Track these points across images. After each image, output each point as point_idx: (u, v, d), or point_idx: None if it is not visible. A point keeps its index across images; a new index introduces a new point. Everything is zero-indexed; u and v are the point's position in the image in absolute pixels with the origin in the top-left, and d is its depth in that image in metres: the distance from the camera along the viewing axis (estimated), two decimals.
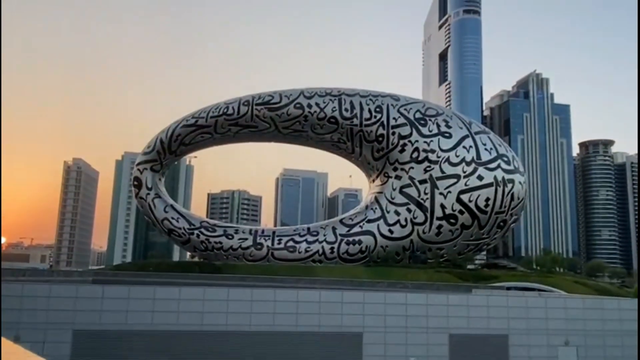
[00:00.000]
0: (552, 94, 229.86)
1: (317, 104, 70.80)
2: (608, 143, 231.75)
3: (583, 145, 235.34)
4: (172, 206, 74.40)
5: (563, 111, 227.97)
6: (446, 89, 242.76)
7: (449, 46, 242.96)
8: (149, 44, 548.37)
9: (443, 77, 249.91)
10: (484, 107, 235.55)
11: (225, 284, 31.78)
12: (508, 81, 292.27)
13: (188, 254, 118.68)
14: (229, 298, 25.20)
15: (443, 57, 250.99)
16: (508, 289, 48.30)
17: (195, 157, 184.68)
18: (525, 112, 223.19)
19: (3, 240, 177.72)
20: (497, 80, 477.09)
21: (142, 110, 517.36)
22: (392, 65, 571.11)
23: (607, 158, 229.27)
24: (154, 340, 22.05)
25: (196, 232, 71.32)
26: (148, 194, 72.15)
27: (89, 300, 22.51)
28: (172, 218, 71.96)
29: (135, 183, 73.01)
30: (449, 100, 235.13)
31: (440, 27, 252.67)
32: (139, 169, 72.81)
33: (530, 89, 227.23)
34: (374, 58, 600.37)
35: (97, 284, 29.41)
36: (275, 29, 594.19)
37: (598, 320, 29.05)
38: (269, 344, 24.00)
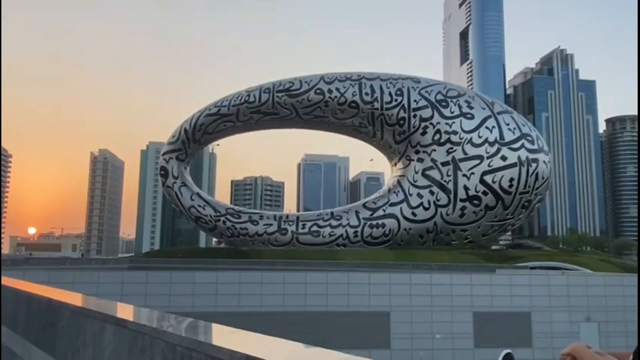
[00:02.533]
0: (577, 70, 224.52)
1: (337, 89, 71.06)
2: (635, 119, 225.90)
3: (610, 122, 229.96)
4: (198, 194, 76.04)
5: (588, 87, 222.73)
6: (468, 68, 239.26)
7: (469, 24, 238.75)
8: (172, 36, 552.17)
9: (464, 56, 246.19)
10: (507, 86, 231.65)
11: (257, 268, 33.14)
12: (531, 58, 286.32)
13: (214, 240, 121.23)
14: (263, 281, 26.58)
15: (464, 35, 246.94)
16: (532, 268, 48.56)
17: (218, 145, 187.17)
18: (550, 89, 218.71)
19: (34, 230, 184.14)
20: (520, 57, 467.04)
21: (165, 100, 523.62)
22: (412, 46, 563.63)
23: (634, 134, 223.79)
24: None
25: (222, 218, 72.85)
26: (174, 182, 73.83)
27: (135, 285, 24.02)
28: (199, 206, 73.61)
29: (162, 172, 74.71)
30: (471, 80, 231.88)
31: (460, 4, 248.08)
32: (164, 159, 74.42)
33: (555, 66, 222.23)
34: (394, 39, 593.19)
35: (142, 270, 31.12)
36: (294, 12, 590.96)
37: (619, 296, 29.52)
38: (301, 323, 25.17)
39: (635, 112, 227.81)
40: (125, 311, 6.31)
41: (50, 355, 7.61)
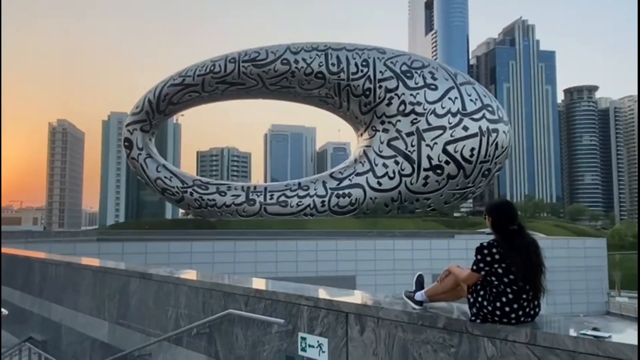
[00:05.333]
0: (537, 41, 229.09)
1: (303, 60, 70.51)
2: (592, 89, 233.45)
3: (568, 92, 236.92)
4: (164, 165, 74.82)
5: (548, 58, 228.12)
6: (432, 38, 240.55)
7: None
8: (133, 3, 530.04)
9: (429, 26, 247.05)
10: (470, 56, 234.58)
11: (230, 238, 34.19)
12: (494, 29, 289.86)
13: (180, 211, 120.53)
14: (236, 250, 27.70)
15: (429, 5, 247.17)
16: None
17: (183, 115, 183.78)
18: (511, 59, 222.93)
19: None
20: (483, 28, 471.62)
21: (125, 70, 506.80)
22: (377, 16, 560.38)
23: (591, 104, 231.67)
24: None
25: (189, 190, 72.09)
26: (139, 154, 72.30)
27: (112, 256, 24.46)
28: (165, 177, 72.52)
29: (126, 144, 72.95)
30: (435, 50, 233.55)
31: None
32: (128, 130, 72.59)
33: (516, 36, 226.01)
34: (359, 8, 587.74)
35: (118, 242, 31.65)
36: None
37: (564, 257, 32.25)
38: None
39: (593, 83, 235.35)
40: (148, 268, 7.22)
41: (74, 309, 8.44)
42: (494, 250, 4.00)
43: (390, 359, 4.07)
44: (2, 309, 8.24)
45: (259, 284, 5.21)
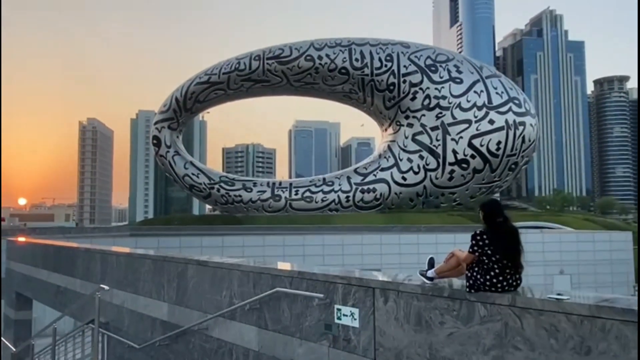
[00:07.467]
0: (566, 31, 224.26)
1: (327, 56, 71.48)
2: (623, 79, 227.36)
3: (598, 83, 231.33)
4: (191, 162, 77.07)
5: (577, 48, 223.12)
6: (457, 31, 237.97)
7: None
8: (159, 3, 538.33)
9: (454, 18, 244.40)
10: (496, 48, 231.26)
11: (259, 233, 35.30)
12: (521, 19, 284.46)
13: (207, 207, 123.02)
14: (265, 244, 29.08)
15: None
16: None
17: (208, 112, 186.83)
18: (539, 50, 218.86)
19: (24, 201, 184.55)
20: (510, 19, 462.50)
21: (152, 69, 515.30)
22: (401, 9, 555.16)
23: (622, 94, 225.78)
24: None
25: (216, 186, 74.16)
26: (168, 151, 74.64)
27: (150, 250, 25.88)
28: (193, 174, 74.76)
29: (155, 142, 75.37)
30: (461, 42, 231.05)
31: None
32: (157, 128, 74.94)
33: (544, 27, 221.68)
34: (383, 2, 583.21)
35: (153, 236, 33.18)
36: None
37: (589, 251, 32.79)
38: None
39: (623, 73, 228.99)
40: (202, 257, 8.35)
41: (134, 293, 9.63)
42: (485, 236, 5.11)
43: (408, 322, 5.19)
44: (104, 286, 9.45)
45: (301, 267, 6.26)
